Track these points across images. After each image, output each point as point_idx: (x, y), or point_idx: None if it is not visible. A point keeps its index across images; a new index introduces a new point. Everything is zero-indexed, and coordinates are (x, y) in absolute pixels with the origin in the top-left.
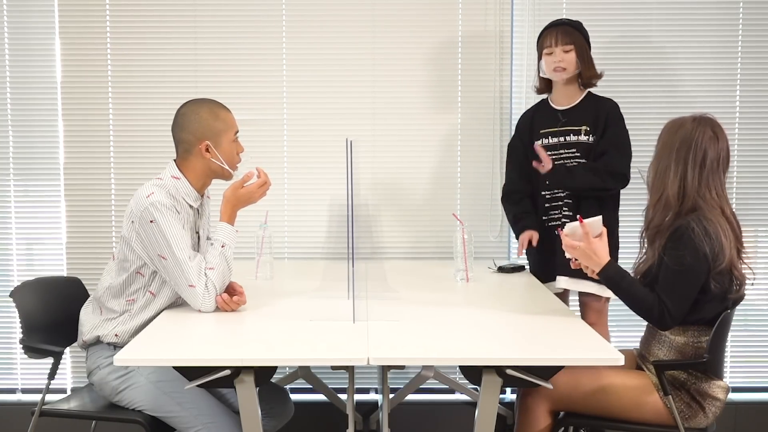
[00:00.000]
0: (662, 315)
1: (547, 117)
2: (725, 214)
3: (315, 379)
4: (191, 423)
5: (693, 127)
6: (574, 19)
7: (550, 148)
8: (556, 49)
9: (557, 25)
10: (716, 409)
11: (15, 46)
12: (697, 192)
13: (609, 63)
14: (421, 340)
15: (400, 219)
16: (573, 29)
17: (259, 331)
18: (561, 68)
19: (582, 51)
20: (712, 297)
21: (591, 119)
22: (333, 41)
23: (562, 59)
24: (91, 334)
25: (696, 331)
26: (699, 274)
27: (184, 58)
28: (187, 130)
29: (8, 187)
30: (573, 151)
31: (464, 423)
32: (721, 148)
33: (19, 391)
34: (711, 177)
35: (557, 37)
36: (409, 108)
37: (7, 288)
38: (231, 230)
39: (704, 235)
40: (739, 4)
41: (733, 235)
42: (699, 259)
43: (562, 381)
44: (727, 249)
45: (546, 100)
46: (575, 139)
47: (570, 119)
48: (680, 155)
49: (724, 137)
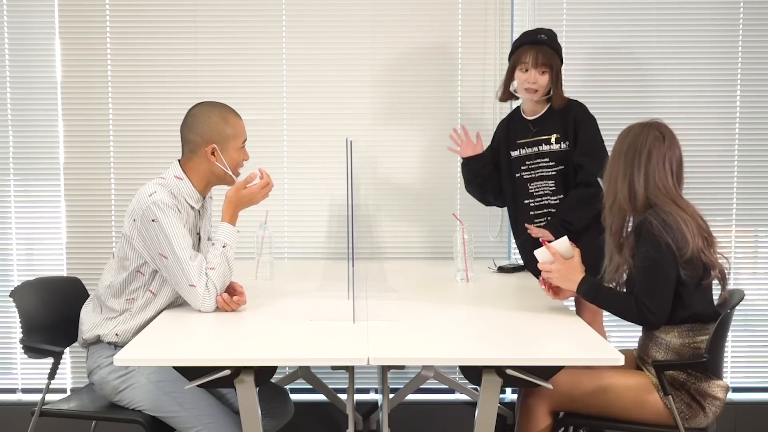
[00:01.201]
0: (642, 314)
1: (520, 127)
2: (681, 206)
3: (315, 379)
4: (191, 423)
5: (639, 131)
6: (548, 30)
7: (527, 158)
8: (532, 70)
9: (536, 43)
10: (716, 408)
11: (15, 46)
12: (645, 190)
13: (608, 64)
14: (421, 340)
15: (400, 219)
16: (551, 51)
17: (259, 331)
18: (533, 90)
19: (556, 74)
20: (695, 289)
21: (560, 125)
22: (333, 41)
23: (536, 80)
24: (92, 333)
25: (690, 331)
26: (666, 264)
27: (184, 58)
28: (195, 131)
29: (8, 187)
30: (547, 160)
31: (464, 423)
32: (667, 147)
33: (19, 391)
34: (657, 175)
35: (536, 57)
36: (409, 108)
37: (7, 288)
38: (232, 230)
39: (663, 225)
40: (739, 4)
41: (695, 224)
42: (662, 250)
43: (562, 381)
44: (689, 236)
45: (519, 109)
46: (547, 148)
47: (540, 129)
48: (627, 159)
49: (672, 138)
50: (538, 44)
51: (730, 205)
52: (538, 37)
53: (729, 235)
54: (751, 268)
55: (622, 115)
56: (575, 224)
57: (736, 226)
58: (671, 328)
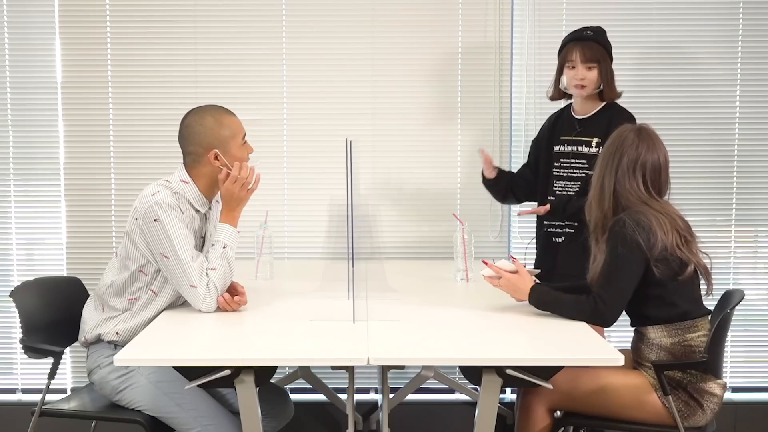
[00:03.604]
0: (595, 308)
1: (567, 124)
2: (655, 208)
3: (315, 379)
4: (191, 424)
5: (617, 136)
6: (596, 27)
7: (563, 155)
8: (579, 66)
9: (582, 39)
10: (714, 405)
11: (15, 46)
12: (613, 194)
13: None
14: (421, 340)
15: (400, 219)
16: (598, 45)
17: (259, 331)
18: (581, 86)
19: (605, 69)
20: (675, 287)
21: (604, 131)
22: (333, 41)
23: (584, 77)
24: (93, 332)
25: (679, 329)
26: (632, 262)
27: (184, 58)
28: (194, 142)
29: (8, 187)
30: (583, 162)
31: (464, 423)
32: (642, 152)
33: (19, 391)
34: (627, 181)
35: (582, 53)
36: (409, 108)
37: (7, 288)
38: (232, 231)
39: (636, 225)
40: (739, 4)
41: (669, 222)
42: (632, 248)
43: (562, 381)
44: (660, 234)
45: (570, 106)
46: (587, 150)
47: (585, 129)
48: (603, 163)
49: (651, 143)
50: (583, 40)
51: (730, 205)
52: (584, 33)
53: (729, 235)
54: (751, 268)
55: None
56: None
57: (735, 226)
58: (659, 328)
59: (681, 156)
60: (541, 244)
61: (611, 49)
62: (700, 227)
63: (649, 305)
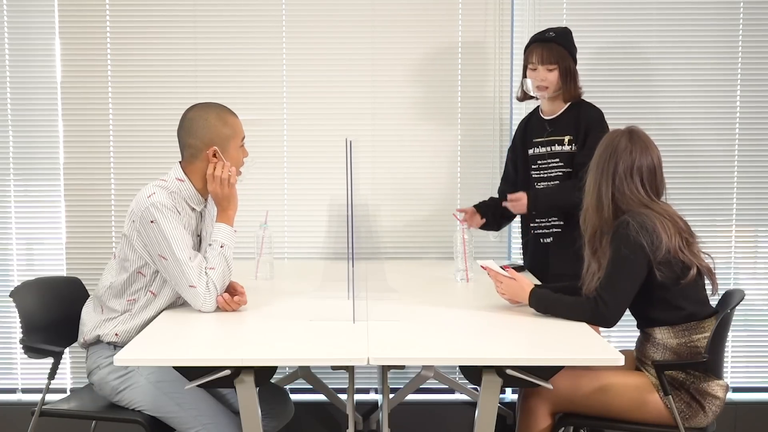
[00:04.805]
0: (596, 309)
1: (537, 126)
2: (657, 210)
3: (315, 379)
4: (191, 424)
5: (609, 142)
6: (561, 28)
7: (539, 157)
8: (539, 68)
9: (544, 41)
10: (716, 407)
11: (15, 46)
12: (612, 202)
13: (608, 64)
14: (421, 340)
15: (400, 219)
16: (559, 47)
17: (259, 331)
18: (543, 87)
19: (566, 70)
20: (680, 290)
21: (574, 129)
22: (333, 41)
23: (545, 78)
24: (92, 333)
25: (686, 330)
26: (635, 264)
27: (184, 58)
28: (194, 136)
29: (8, 187)
30: (557, 160)
31: (464, 423)
32: (637, 156)
33: (19, 391)
34: (626, 187)
35: (542, 54)
36: (409, 108)
37: (7, 288)
38: (229, 230)
39: (640, 227)
40: (739, 4)
41: (672, 224)
42: (636, 250)
43: (562, 381)
44: (665, 237)
45: (538, 109)
46: (560, 149)
47: (555, 129)
48: (598, 171)
49: (644, 146)
50: (546, 41)
51: (730, 205)
52: (546, 35)
53: (729, 235)
54: (751, 268)
55: (621, 115)
56: (540, 206)
57: (736, 226)
58: (666, 329)
59: (681, 156)
60: (530, 247)
61: (575, 50)
62: (701, 227)
63: (654, 308)
